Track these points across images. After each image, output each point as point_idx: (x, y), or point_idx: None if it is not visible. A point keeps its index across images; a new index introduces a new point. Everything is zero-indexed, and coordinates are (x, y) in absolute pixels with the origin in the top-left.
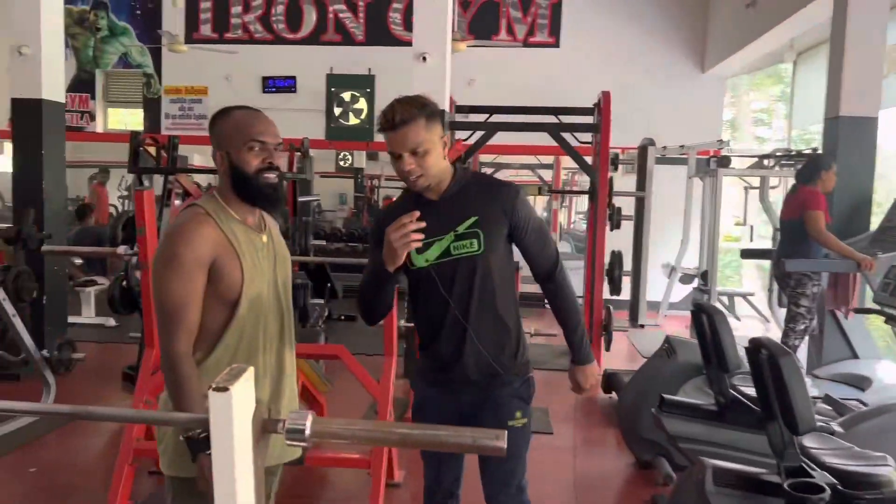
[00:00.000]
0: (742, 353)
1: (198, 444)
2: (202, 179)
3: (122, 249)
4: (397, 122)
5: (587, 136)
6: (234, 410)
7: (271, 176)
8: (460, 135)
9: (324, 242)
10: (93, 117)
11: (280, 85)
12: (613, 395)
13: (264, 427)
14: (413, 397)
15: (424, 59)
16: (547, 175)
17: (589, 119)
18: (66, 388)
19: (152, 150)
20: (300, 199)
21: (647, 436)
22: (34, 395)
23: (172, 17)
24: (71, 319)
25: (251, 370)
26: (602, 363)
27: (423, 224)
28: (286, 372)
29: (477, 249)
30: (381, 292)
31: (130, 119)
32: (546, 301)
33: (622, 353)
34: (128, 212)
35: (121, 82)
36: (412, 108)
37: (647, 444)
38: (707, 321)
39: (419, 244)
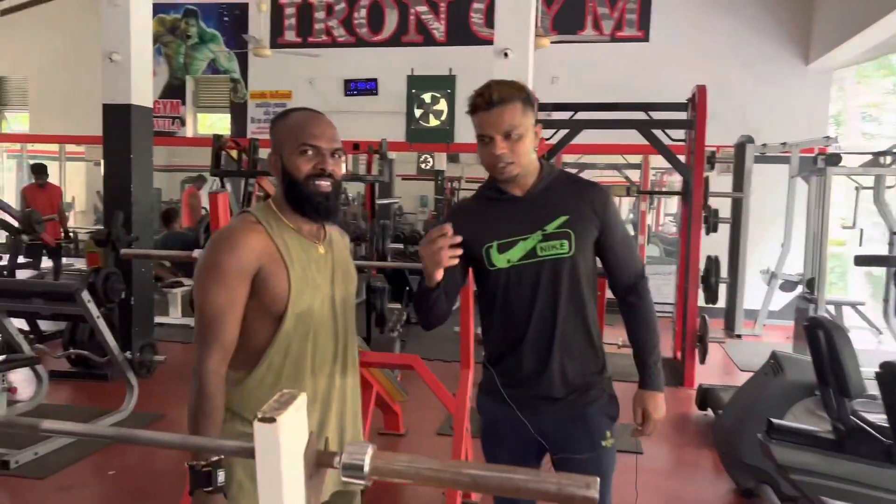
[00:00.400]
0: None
1: (199, 476)
2: None
3: (196, 253)
4: (495, 101)
5: (679, 134)
6: (282, 444)
7: (323, 184)
8: (543, 133)
9: (401, 246)
10: (183, 122)
11: (362, 87)
12: (708, 411)
13: (318, 461)
14: (481, 419)
15: (506, 55)
16: (633, 175)
17: (682, 115)
18: (148, 390)
19: (234, 153)
20: (379, 201)
21: (750, 461)
22: (119, 396)
23: (258, 24)
24: (158, 320)
25: (303, 397)
26: (696, 377)
27: (459, 238)
28: (336, 400)
29: (567, 251)
30: (433, 303)
31: (219, 124)
32: (625, 310)
33: (717, 366)
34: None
35: (209, 88)
36: (510, 89)
37: (750, 470)
38: (825, 338)
39: (455, 261)
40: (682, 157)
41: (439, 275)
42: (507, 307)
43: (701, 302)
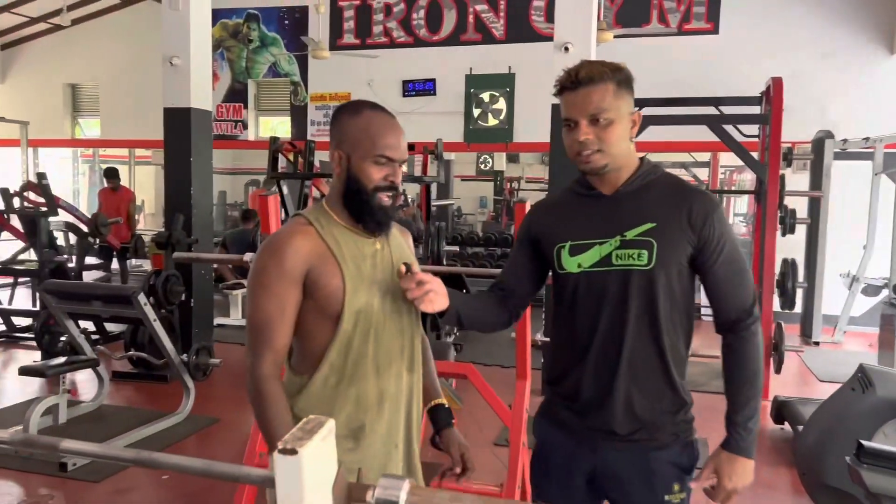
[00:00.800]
0: None
1: None
2: None
3: (248, 257)
4: (581, 79)
5: (751, 130)
6: (305, 478)
7: (387, 197)
8: None
9: (457, 248)
10: (245, 126)
11: (419, 88)
12: (785, 426)
13: (350, 496)
14: (536, 440)
15: (567, 49)
16: (701, 174)
17: (755, 109)
18: (206, 392)
19: (291, 155)
20: (435, 203)
21: (835, 484)
22: (178, 397)
23: (317, 26)
24: (219, 321)
25: (331, 424)
26: (770, 387)
27: (420, 277)
28: (406, 401)
29: (645, 264)
30: (463, 319)
31: (280, 127)
32: (723, 351)
33: (794, 377)
34: None
35: (270, 91)
36: (602, 68)
37: (835, 494)
38: None
39: (428, 306)
40: (754, 154)
41: (433, 308)
42: (573, 319)
43: (776, 307)
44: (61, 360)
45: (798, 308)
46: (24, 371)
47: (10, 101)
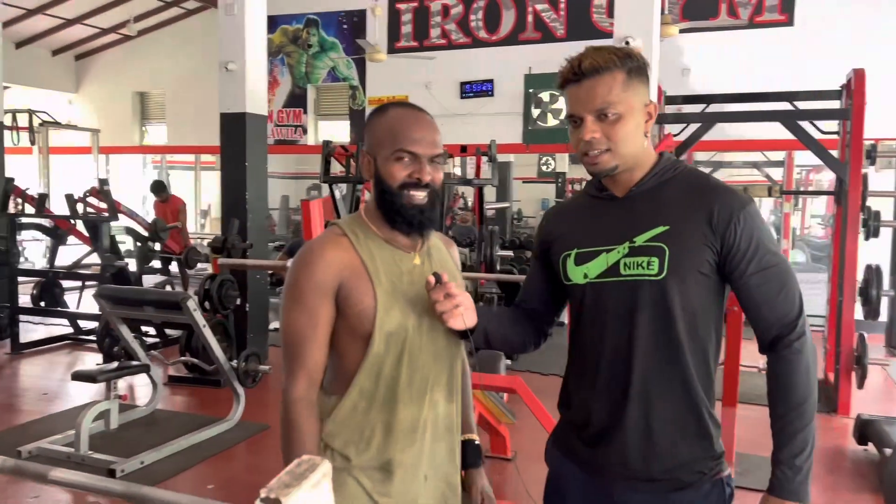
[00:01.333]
0: None
1: None
2: None
3: (290, 263)
4: (585, 70)
5: (830, 126)
6: None
7: (418, 195)
8: (672, 129)
9: (511, 253)
10: (305, 131)
11: (477, 89)
12: (870, 447)
13: None
14: (549, 470)
15: (627, 44)
16: (775, 174)
17: (833, 104)
18: (257, 398)
19: (343, 159)
20: (490, 206)
21: None
22: (231, 403)
23: (374, 29)
24: (276, 325)
25: (326, 466)
26: (852, 403)
27: (450, 290)
28: (442, 429)
29: (654, 273)
30: (486, 341)
31: (339, 131)
32: (767, 376)
33: (878, 392)
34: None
35: (329, 95)
36: (609, 56)
37: None
38: None
39: (458, 321)
40: (833, 152)
41: (462, 324)
42: (580, 336)
43: (858, 316)
44: (113, 365)
45: (883, 317)
46: (76, 376)
47: (83, 110)
